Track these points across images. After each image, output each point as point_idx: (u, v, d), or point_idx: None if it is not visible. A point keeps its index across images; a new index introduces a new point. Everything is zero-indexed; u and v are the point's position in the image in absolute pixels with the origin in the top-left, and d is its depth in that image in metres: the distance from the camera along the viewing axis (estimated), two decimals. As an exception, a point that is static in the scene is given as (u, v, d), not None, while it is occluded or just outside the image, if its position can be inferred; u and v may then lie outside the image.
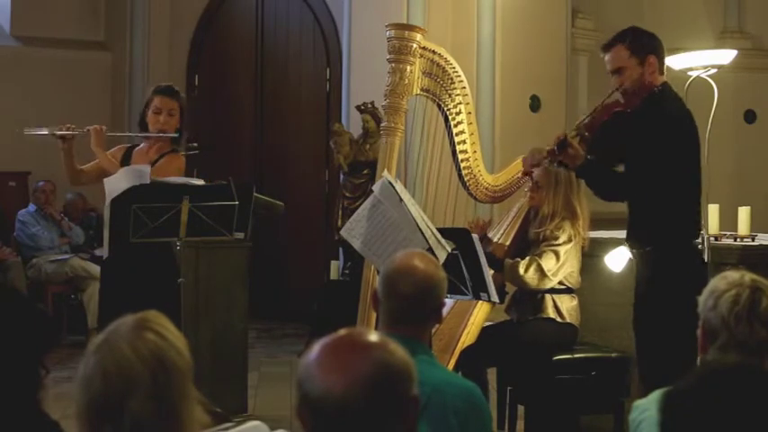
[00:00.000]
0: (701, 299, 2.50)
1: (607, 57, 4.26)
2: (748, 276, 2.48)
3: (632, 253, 4.36)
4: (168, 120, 5.00)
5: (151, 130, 5.00)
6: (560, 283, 4.92)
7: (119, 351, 1.72)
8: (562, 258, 4.86)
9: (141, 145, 5.11)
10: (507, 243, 5.21)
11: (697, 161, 4.24)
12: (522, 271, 4.82)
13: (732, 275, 2.49)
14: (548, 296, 4.91)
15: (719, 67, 5.88)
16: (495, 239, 5.27)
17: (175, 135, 5.01)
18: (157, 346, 1.74)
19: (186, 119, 5.09)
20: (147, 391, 1.70)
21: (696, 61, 5.91)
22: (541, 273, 4.82)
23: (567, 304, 4.94)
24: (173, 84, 5.24)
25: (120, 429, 1.70)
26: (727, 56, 6.03)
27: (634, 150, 4.19)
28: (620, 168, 4.39)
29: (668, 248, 4.18)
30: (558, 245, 4.86)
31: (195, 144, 5.25)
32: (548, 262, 4.83)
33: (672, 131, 4.15)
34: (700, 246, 4.19)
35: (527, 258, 4.87)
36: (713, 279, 2.53)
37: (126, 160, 5.03)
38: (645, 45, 4.23)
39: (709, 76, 5.81)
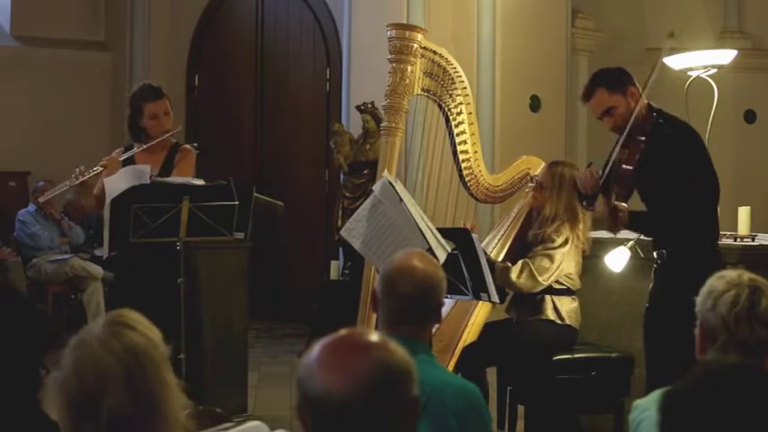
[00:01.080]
0: (699, 299, 2.48)
1: (591, 103, 4.32)
2: (746, 276, 2.46)
3: (657, 254, 4.34)
4: (167, 120, 5.05)
5: (153, 134, 5.00)
6: (559, 282, 4.91)
7: (90, 348, 1.76)
8: (557, 261, 4.84)
9: (142, 147, 5.06)
10: (508, 244, 5.21)
11: (711, 164, 4.26)
12: (514, 277, 4.81)
13: (730, 275, 2.47)
14: (547, 297, 4.90)
15: (719, 67, 5.89)
16: (495, 240, 5.27)
17: (179, 129, 5.09)
18: (129, 337, 1.77)
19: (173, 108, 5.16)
20: (121, 382, 1.72)
21: (696, 61, 5.92)
22: (533, 277, 4.82)
23: (567, 306, 4.93)
24: (151, 82, 5.26)
25: (99, 426, 1.71)
26: (727, 56, 6.03)
27: (656, 181, 4.19)
28: None
29: (691, 250, 4.18)
30: (554, 248, 4.85)
31: (196, 144, 5.25)
32: (540, 266, 4.82)
33: (689, 151, 4.18)
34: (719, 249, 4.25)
35: (519, 263, 4.85)
36: (710, 279, 2.50)
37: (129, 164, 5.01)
38: (619, 80, 4.28)
39: (709, 76, 5.82)
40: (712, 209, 4.29)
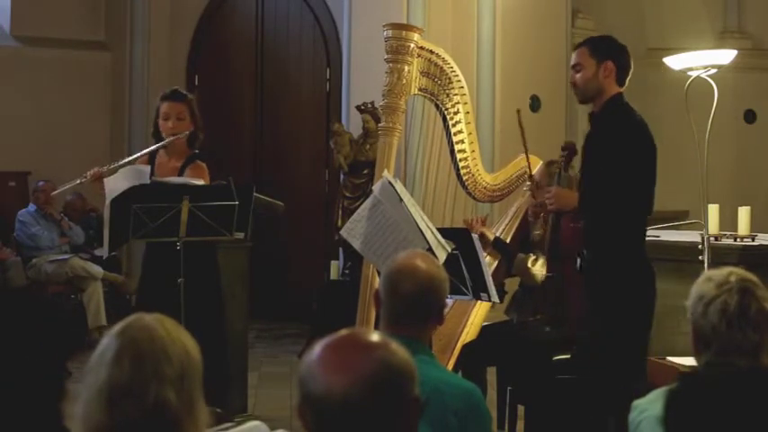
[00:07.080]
0: (689, 303, 2.42)
1: (572, 55, 4.41)
2: (734, 276, 2.39)
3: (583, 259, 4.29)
4: (178, 124, 4.96)
5: (164, 136, 4.96)
6: None
7: (153, 330, 1.75)
8: None
9: (161, 156, 5.03)
10: (507, 242, 5.22)
11: (654, 172, 4.18)
12: (530, 263, 4.86)
13: (717, 276, 2.41)
14: None
15: (719, 67, 5.88)
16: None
17: (184, 134, 4.96)
18: (184, 335, 1.78)
19: (199, 118, 5.06)
20: (175, 373, 1.72)
21: (696, 61, 5.92)
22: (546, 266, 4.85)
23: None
24: (178, 87, 5.19)
25: (143, 410, 1.70)
26: (727, 56, 6.03)
27: (596, 158, 4.20)
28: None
29: (612, 258, 4.14)
30: None
31: (197, 152, 5.25)
32: None
33: (634, 138, 4.16)
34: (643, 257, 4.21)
35: (532, 254, 4.91)
36: (698, 281, 2.44)
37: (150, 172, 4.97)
38: (605, 50, 4.31)
39: (709, 76, 5.82)
40: (640, 217, 4.19)
